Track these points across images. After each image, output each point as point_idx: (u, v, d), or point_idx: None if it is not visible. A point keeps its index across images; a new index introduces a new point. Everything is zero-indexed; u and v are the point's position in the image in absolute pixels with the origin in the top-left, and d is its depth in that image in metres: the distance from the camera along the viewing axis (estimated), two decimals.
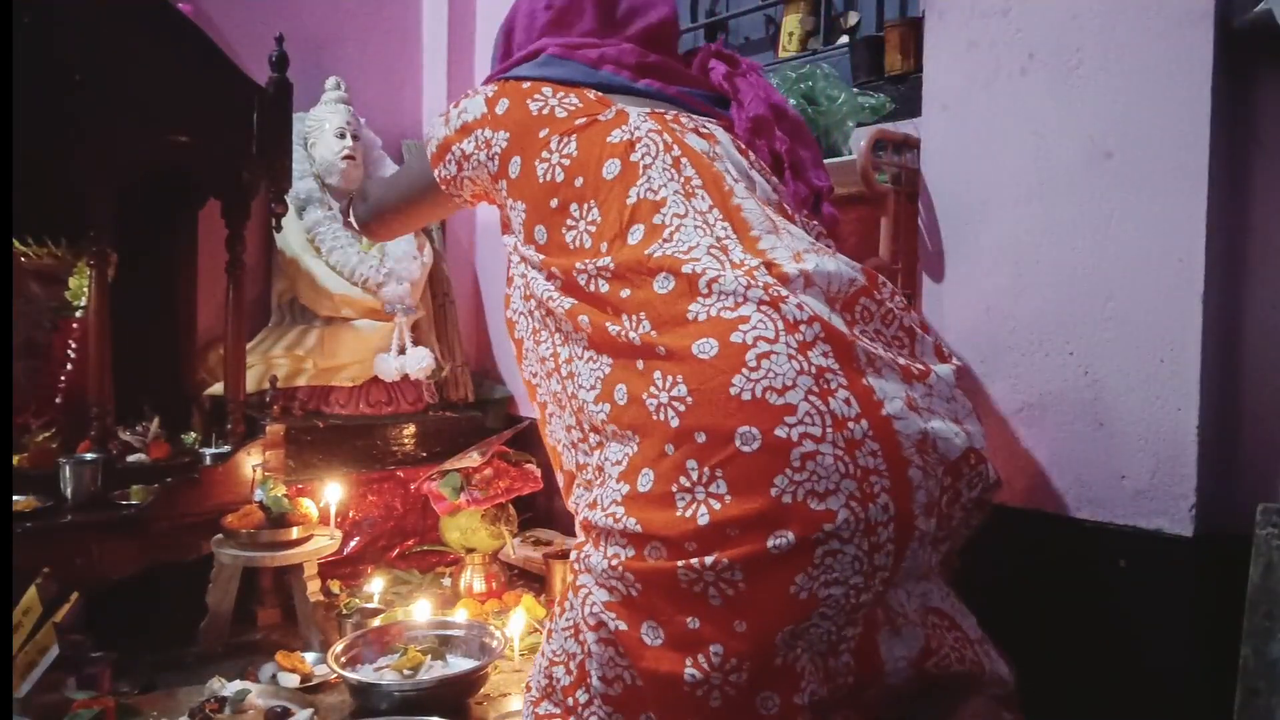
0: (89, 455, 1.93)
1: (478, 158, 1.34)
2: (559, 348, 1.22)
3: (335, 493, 2.23)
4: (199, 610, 1.97)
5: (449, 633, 1.87)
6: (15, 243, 2.06)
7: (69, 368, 2.12)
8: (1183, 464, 1.31)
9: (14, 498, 1.82)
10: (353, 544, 2.37)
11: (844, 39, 2.07)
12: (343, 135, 2.60)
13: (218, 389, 2.34)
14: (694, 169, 1.21)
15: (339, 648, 1.75)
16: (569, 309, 1.19)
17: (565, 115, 1.27)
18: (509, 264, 1.36)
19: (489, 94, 1.34)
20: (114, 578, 1.87)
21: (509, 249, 1.34)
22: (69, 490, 1.88)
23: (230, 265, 2.17)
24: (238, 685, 1.62)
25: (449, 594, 2.24)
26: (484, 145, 1.32)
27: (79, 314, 2.11)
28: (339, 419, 2.49)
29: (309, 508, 2.04)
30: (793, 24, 2.12)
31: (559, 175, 1.23)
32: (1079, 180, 1.42)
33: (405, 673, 1.71)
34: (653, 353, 1.08)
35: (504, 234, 1.37)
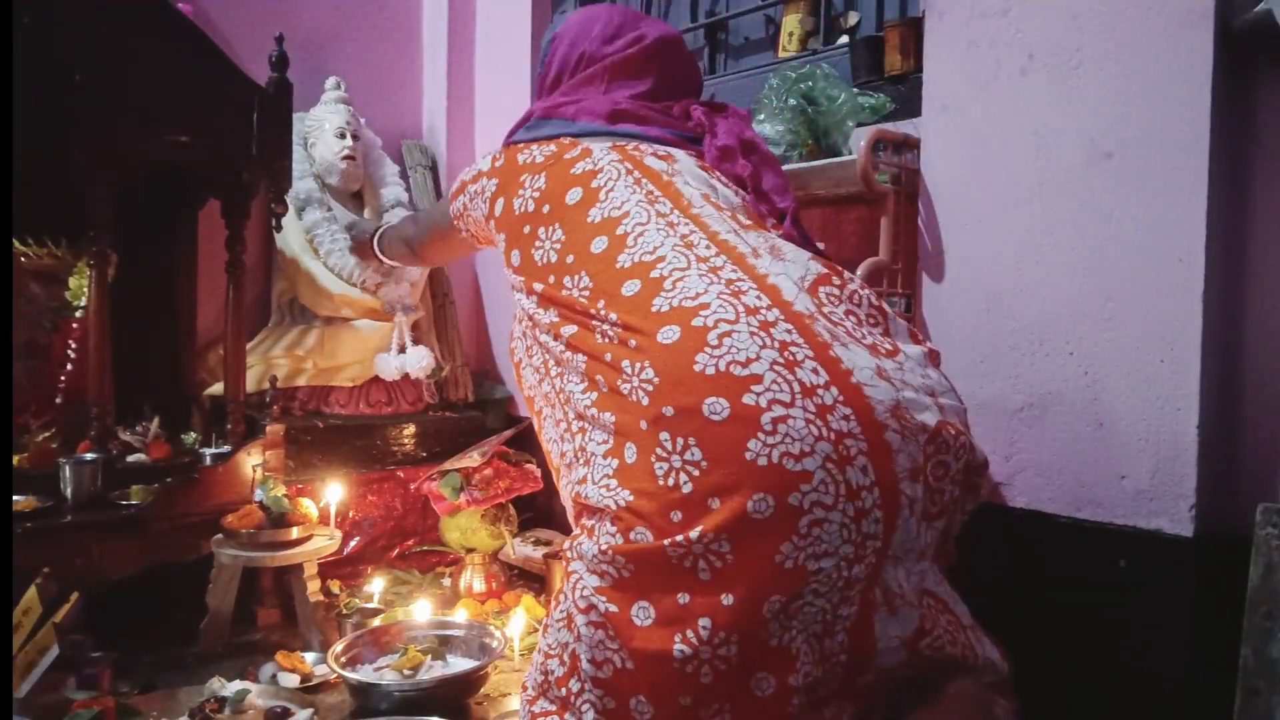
0: (89, 455, 1.93)
1: (477, 201, 1.60)
2: (546, 355, 1.32)
3: (335, 493, 2.23)
4: (199, 610, 1.97)
5: (449, 633, 1.87)
6: (15, 243, 2.06)
7: (69, 368, 2.12)
8: (1183, 464, 1.31)
9: (14, 498, 1.82)
10: (353, 544, 2.37)
11: (844, 39, 2.07)
12: (343, 135, 2.60)
13: (218, 389, 2.34)
14: (653, 185, 1.34)
15: (339, 648, 1.75)
16: (552, 321, 1.29)
17: (542, 160, 1.47)
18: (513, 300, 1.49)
19: (495, 154, 1.60)
20: (114, 578, 1.87)
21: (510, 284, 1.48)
22: (69, 490, 1.88)
23: (230, 265, 2.17)
24: (238, 685, 1.62)
25: (449, 594, 2.24)
26: (481, 191, 1.58)
27: (79, 314, 2.11)
28: (339, 419, 2.49)
29: (309, 508, 2.04)
30: (793, 24, 2.12)
31: (530, 206, 1.42)
32: (1079, 180, 1.42)
33: (405, 673, 1.71)
34: (625, 346, 1.15)
35: (505, 261, 1.51)
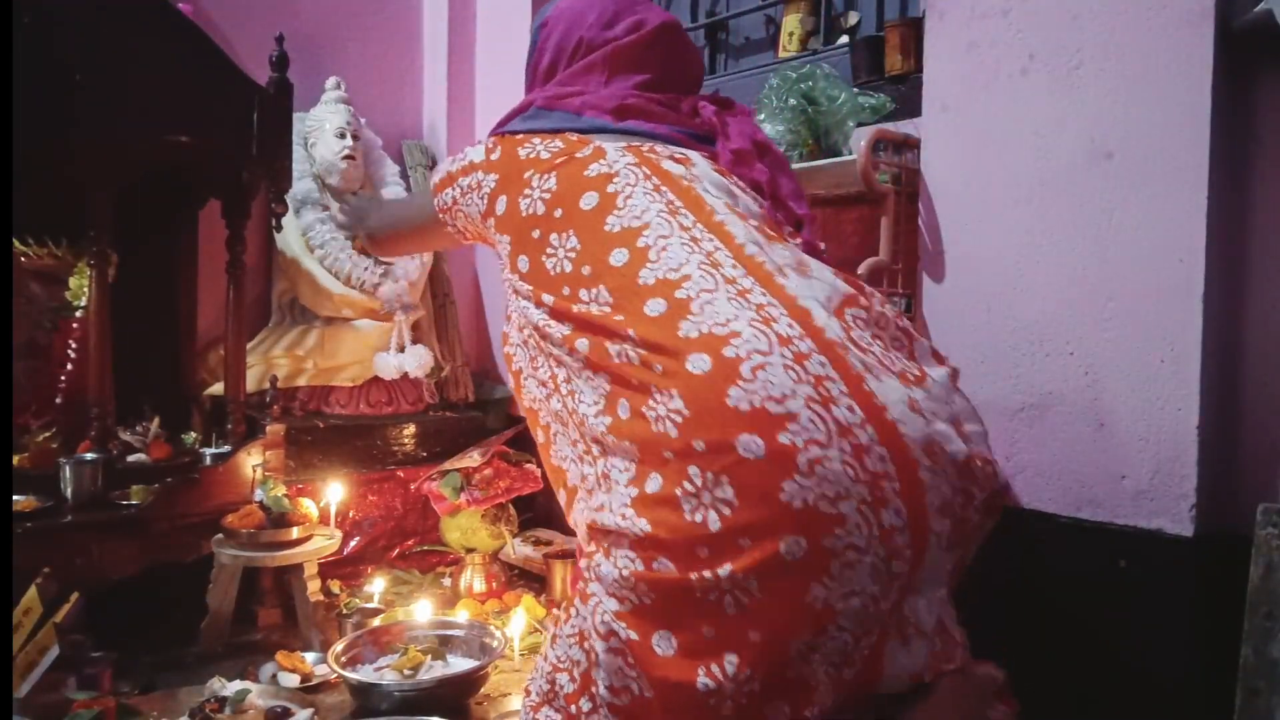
0: (89, 455, 1.93)
1: (471, 196, 1.45)
2: (556, 369, 1.23)
3: (335, 493, 2.23)
4: (199, 610, 1.97)
5: (449, 633, 1.87)
6: (15, 243, 2.06)
7: (69, 368, 2.12)
8: (1183, 464, 1.31)
9: (14, 498, 1.82)
10: (353, 544, 2.36)
11: (844, 39, 2.07)
12: (343, 135, 2.60)
13: (218, 389, 2.34)
14: (673, 192, 1.25)
15: (339, 648, 1.75)
16: (565, 335, 1.20)
17: (548, 157, 1.34)
18: (507, 301, 1.37)
19: (489, 144, 1.45)
20: (114, 578, 1.87)
21: (505, 285, 1.37)
22: (69, 490, 1.88)
23: (230, 265, 2.17)
24: (238, 685, 1.62)
25: (449, 594, 2.24)
26: (476, 186, 1.44)
27: (79, 314, 2.11)
28: (339, 419, 2.49)
29: (309, 508, 2.04)
30: (793, 24, 2.12)
31: (539, 209, 1.30)
32: (1079, 180, 1.42)
33: (405, 673, 1.71)
34: (650, 370, 1.08)
35: (503, 271, 1.39)
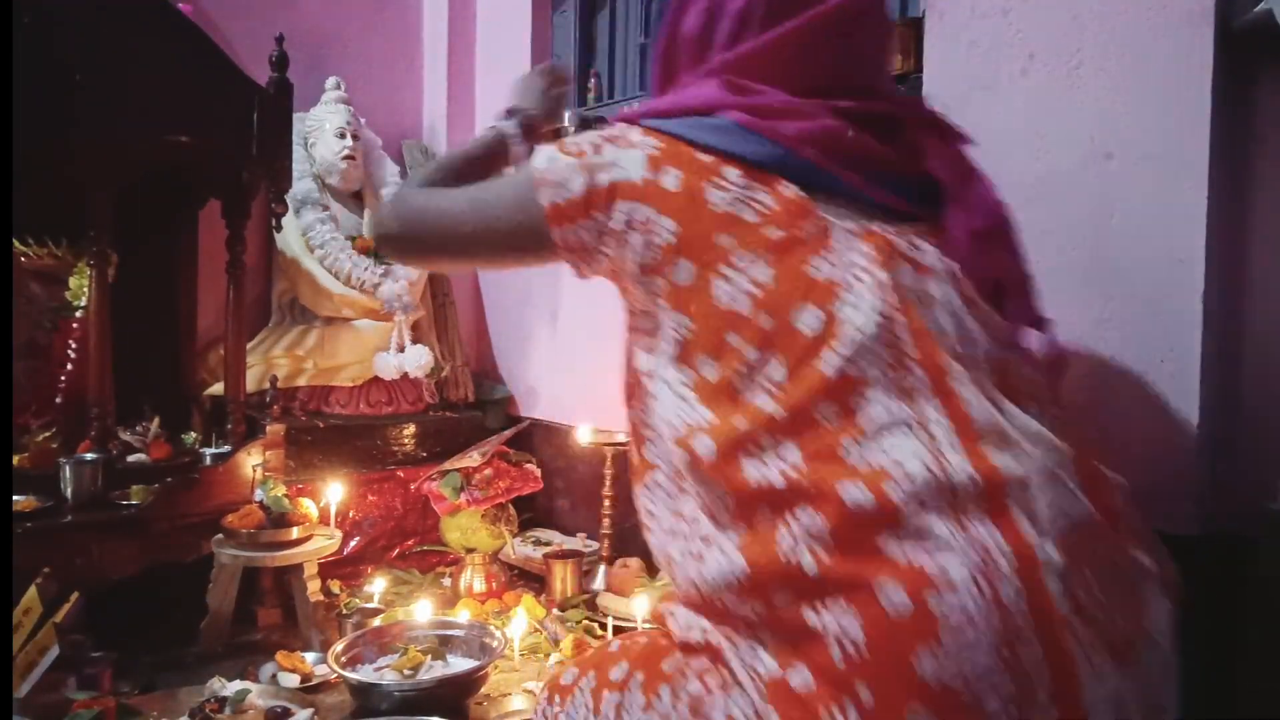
0: (89, 455, 1.93)
1: (630, 239, 0.97)
2: (699, 512, 0.95)
3: (335, 493, 2.23)
4: (199, 610, 1.97)
5: (449, 633, 1.87)
6: (15, 243, 2.06)
7: (69, 368, 2.12)
8: (1183, 464, 1.31)
9: (14, 498, 1.82)
10: (353, 544, 2.36)
11: None
12: (343, 135, 2.60)
13: (218, 389, 2.34)
14: (911, 340, 0.91)
15: (339, 648, 1.74)
16: (736, 506, 0.90)
17: (756, 221, 0.94)
18: (633, 360, 1.04)
19: (652, 150, 0.97)
20: (114, 578, 1.87)
21: (642, 361, 1.02)
22: (69, 490, 1.88)
23: (230, 265, 2.17)
24: (238, 685, 1.62)
25: (449, 594, 2.24)
26: (641, 227, 0.96)
27: (79, 314, 2.11)
28: (339, 419, 2.49)
29: (309, 508, 2.04)
30: None
31: (743, 305, 0.92)
32: (1079, 180, 1.42)
33: (405, 673, 1.71)
34: (830, 583, 0.84)
35: (635, 324, 1.04)
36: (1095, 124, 1.39)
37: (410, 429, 2.55)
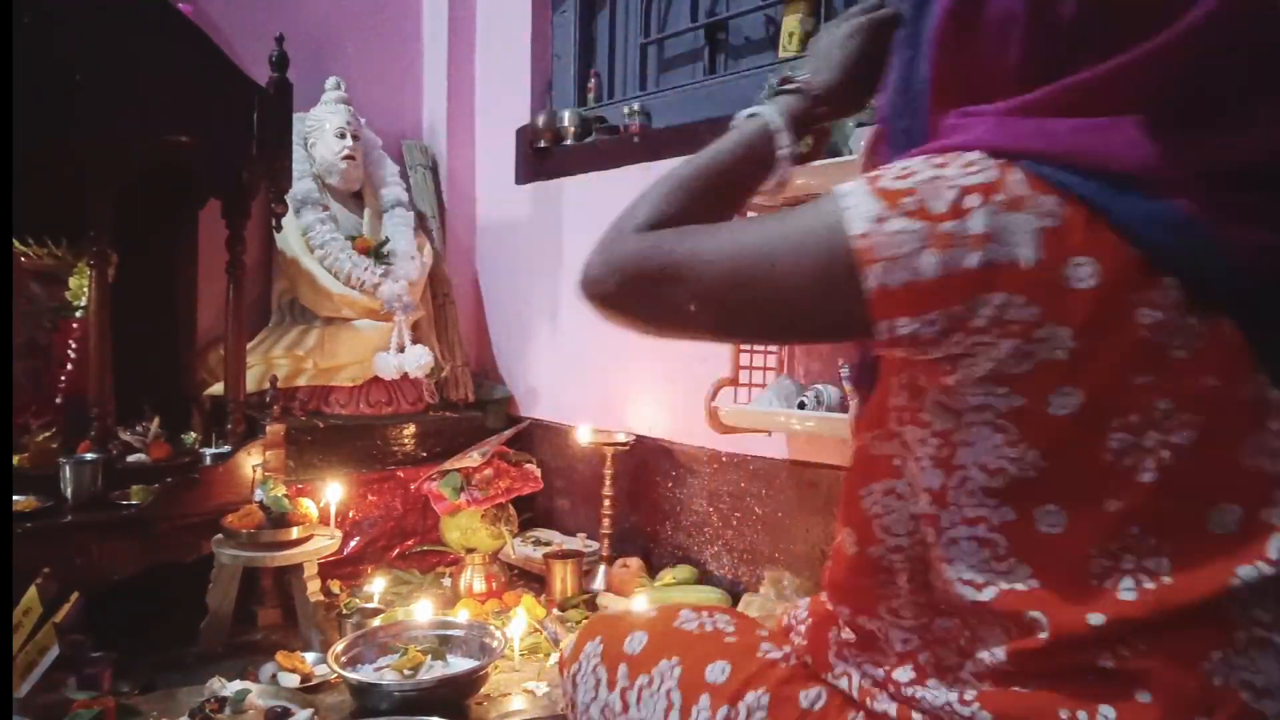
0: (89, 455, 1.93)
1: (993, 343, 0.65)
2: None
3: (335, 493, 2.23)
4: (199, 610, 1.97)
5: (449, 633, 1.87)
6: (15, 243, 2.06)
7: (69, 368, 2.12)
8: None
9: (14, 498, 1.82)
10: (353, 544, 2.37)
11: None
12: (343, 135, 2.60)
13: (218, 389, 2.34)
14: None
15: (339, 648, 1.74)
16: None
17: (1185, 358, 0.65)
18: (899, 437, 0.78)
19: (1051, 221, 0.64)
20: (114, 578, 1.87)
21: (920, 444, 0.74)
22: (69, 490, 1.88)
23: (230, 265, 2.17)
24: (238, 685, 1.62)
25: (449, 594, 2.24)
26: (1018, 330, 0.65)
27: (79, 314, 2.11)
28: (339, 419, 2.49)
29: (309, 508, 2.04)
30: (793, 24, 2.12)
31: (1145, 473, 0.65)
32: None
33: (405, 673, 1.71)
34: None
35: (907, 403, 0.75)
36: None
37: (410, 429, 2.55)
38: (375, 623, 1.91)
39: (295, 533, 1.97)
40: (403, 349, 2.54)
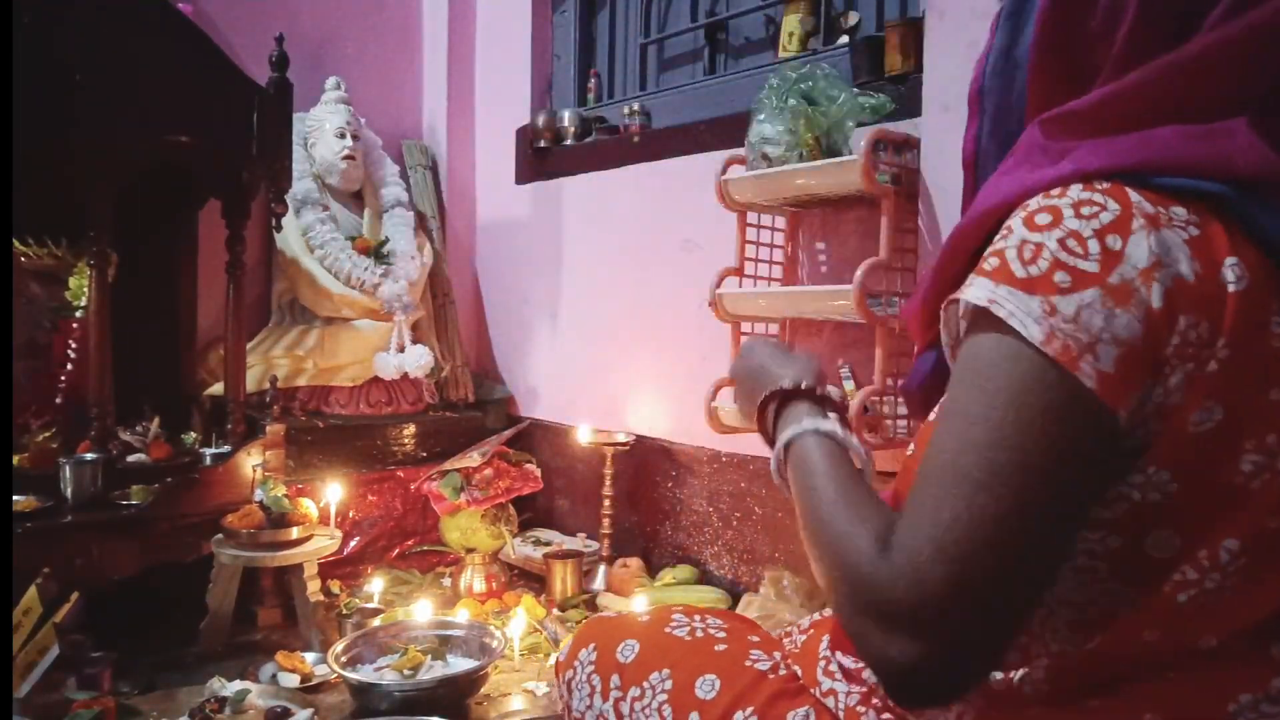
0: (89, 455, 1.93)
1: (1177, 370, 0.59)
2: None
3: (335, 493, 2.23)
4: (199, 610, 1.97)
5: (449, 633, 1.87)
6: (15, 243, 2.06)
7: (69, 368, 2.12)
8: None
9: (14, 498, 1.82)
10: (353, 544, 2.36)
11: (844, 39, 2.06)
12: (343, 135, 2.61)
13: (218, 389, 2.34)
14: None
15: (339, 648, 1.75)
16: None
17: None
18: None
19: (1194, 227, 0.61)
20: (114, 578, 1.87)
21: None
22: (69, 490, 1.88)
23: (230, 265, 2.17)
24: (238, 685, 1.62)
25: (449, 594, 2.24)
26: (1193, 352, 0.59)
27: (79, 314, 2.11)
28: (339, 419, 2.49)
29: (309, 508, 2.04)
30: (793, 24, 2.12)
31: (1271, 493, 0.61)
32: None
33: (405, 673, 1.71)
34: None
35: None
36: None
37: (410, 429, 2.55)
38: (375, 623, 1.91)
39: (295, 533, 1.97)
40: (403, 349, 2.54)
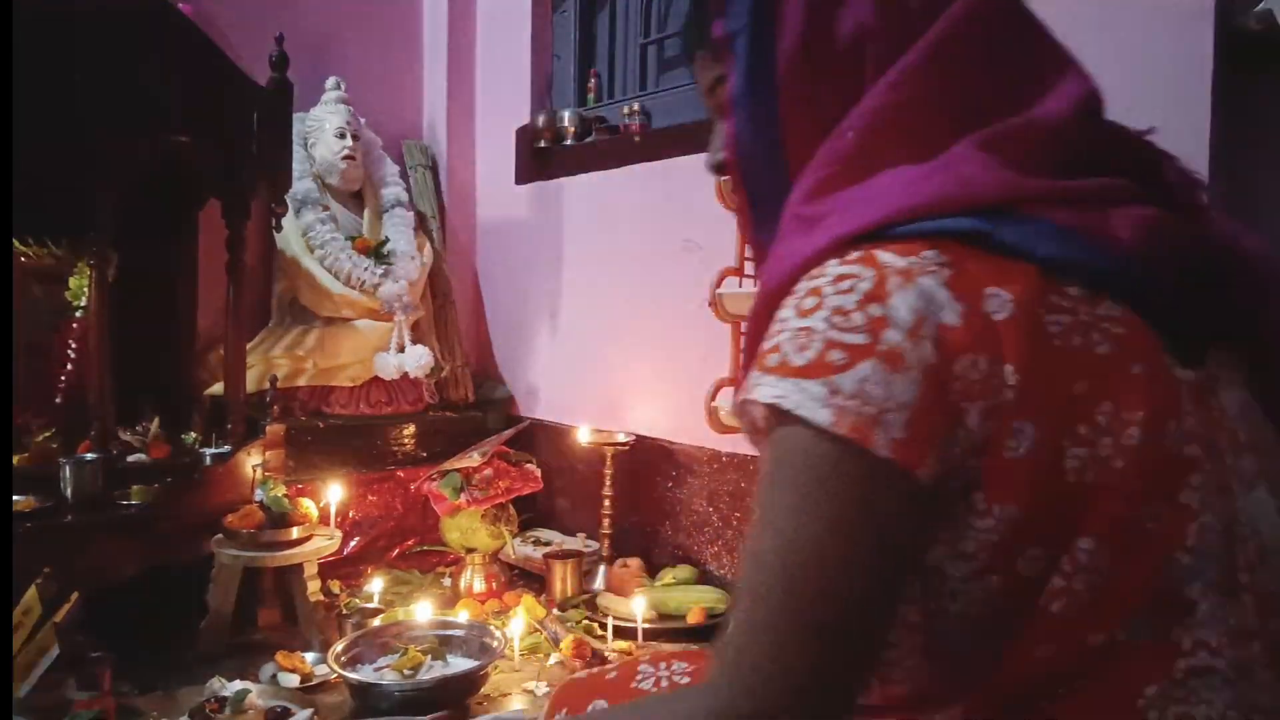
0: (89, 455, 1.93)
1: (965, 415, 0.59)
2: None
3: (335, 493, 2.23)
4: (199, 610, 1.97)
5: (449, 633, 1.87)
6: (15, 243, 2.06)
7: (69, 368, 2.12)
8: None
9: (14, 498, 1.82)
10: (353, 544, 2.36)
11: None
12: (343, 135, 2.60)
13: (218, 389, 2.34)
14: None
15: (339, 648, 1.75)
16: None
17: (1113, 354, 0.62)
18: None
19: (946, 267, 0.60)
20: (114, 578, 1.87)
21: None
22: (69, 490, 1.88)
23: (230, 265, 2.17)
24: (238, 685, 1.62)
25: (449, 594, 2.24)
26: (978, 389, 0.59)
27: (79, 314, 2.11)
28: (339, 419, 2.49)
29: (309, 508, 2.04)
30: None
31: (1105, 478, 0.60)
32: None
33: (405, 673, 1.71)
34: None
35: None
36: None
37: (410, 429, 2.55)
38: (375, 623, 1.92)
39: (295, 533, 1.97)
40: (403, 349, 2.54)
